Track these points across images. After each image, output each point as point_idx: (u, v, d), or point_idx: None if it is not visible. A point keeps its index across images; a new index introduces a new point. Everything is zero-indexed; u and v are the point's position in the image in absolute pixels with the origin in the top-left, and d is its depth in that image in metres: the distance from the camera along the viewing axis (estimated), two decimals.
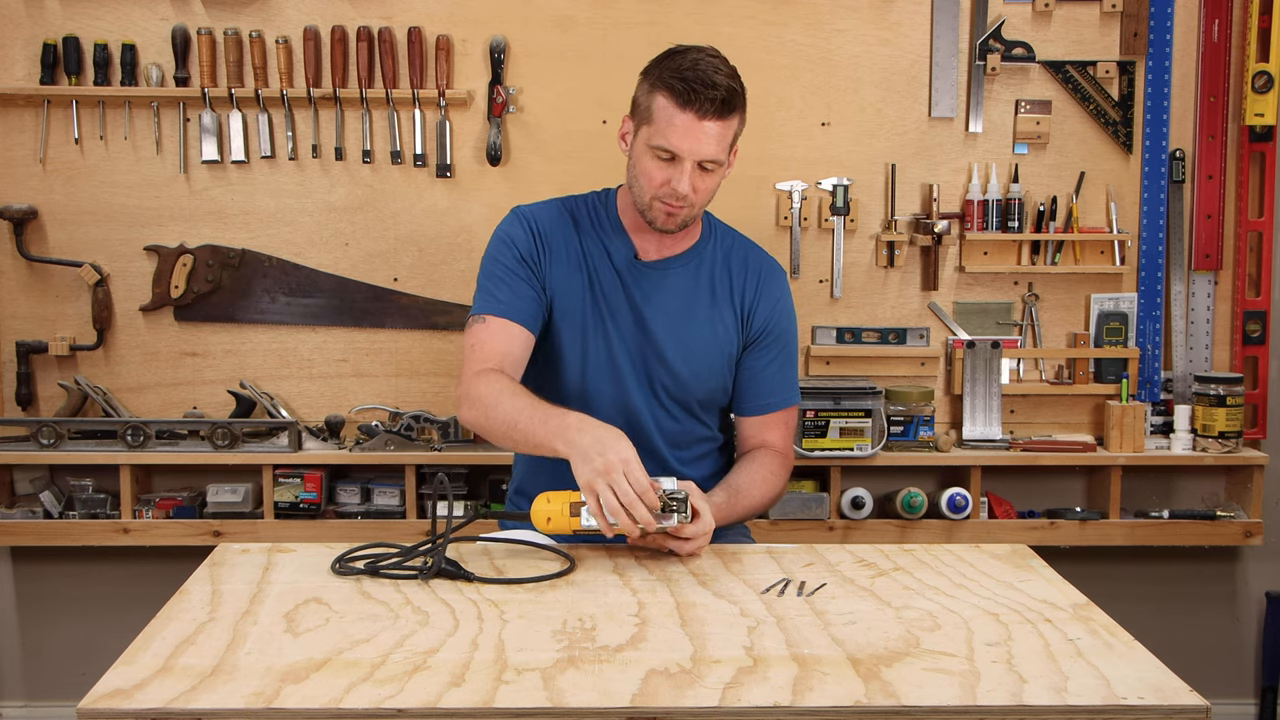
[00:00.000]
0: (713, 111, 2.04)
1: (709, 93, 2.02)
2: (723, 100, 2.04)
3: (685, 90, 2.03)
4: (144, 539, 2.99)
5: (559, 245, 2.22)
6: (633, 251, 2.23)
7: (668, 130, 2.06)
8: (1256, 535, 3.08)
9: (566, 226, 2.23)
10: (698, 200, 2.12)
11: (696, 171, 2.08)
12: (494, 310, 2.15)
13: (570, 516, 1.93)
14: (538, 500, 1.97)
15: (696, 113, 2.04)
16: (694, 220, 2.18)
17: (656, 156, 2.09)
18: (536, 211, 2.25)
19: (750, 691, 1.48)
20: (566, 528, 1.94)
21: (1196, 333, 3.12)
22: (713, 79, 2.03)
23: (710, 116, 2.04)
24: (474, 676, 1.51)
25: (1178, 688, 1.51)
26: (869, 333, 3.12)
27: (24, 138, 3.02)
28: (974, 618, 1.73)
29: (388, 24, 3.00)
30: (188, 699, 1.45)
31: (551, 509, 1.95)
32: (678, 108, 2.04)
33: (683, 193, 2.08)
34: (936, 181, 3.09)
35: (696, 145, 2.06)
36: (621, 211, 2.25)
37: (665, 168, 2.08)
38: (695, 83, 2.03)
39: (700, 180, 2.10)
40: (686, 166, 2.07)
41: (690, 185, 2.08)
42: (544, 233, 2.21)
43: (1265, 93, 3.04)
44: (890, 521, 3.05)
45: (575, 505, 1.93)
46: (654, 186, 2.10)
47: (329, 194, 3.06)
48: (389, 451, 2.98)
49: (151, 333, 3.07)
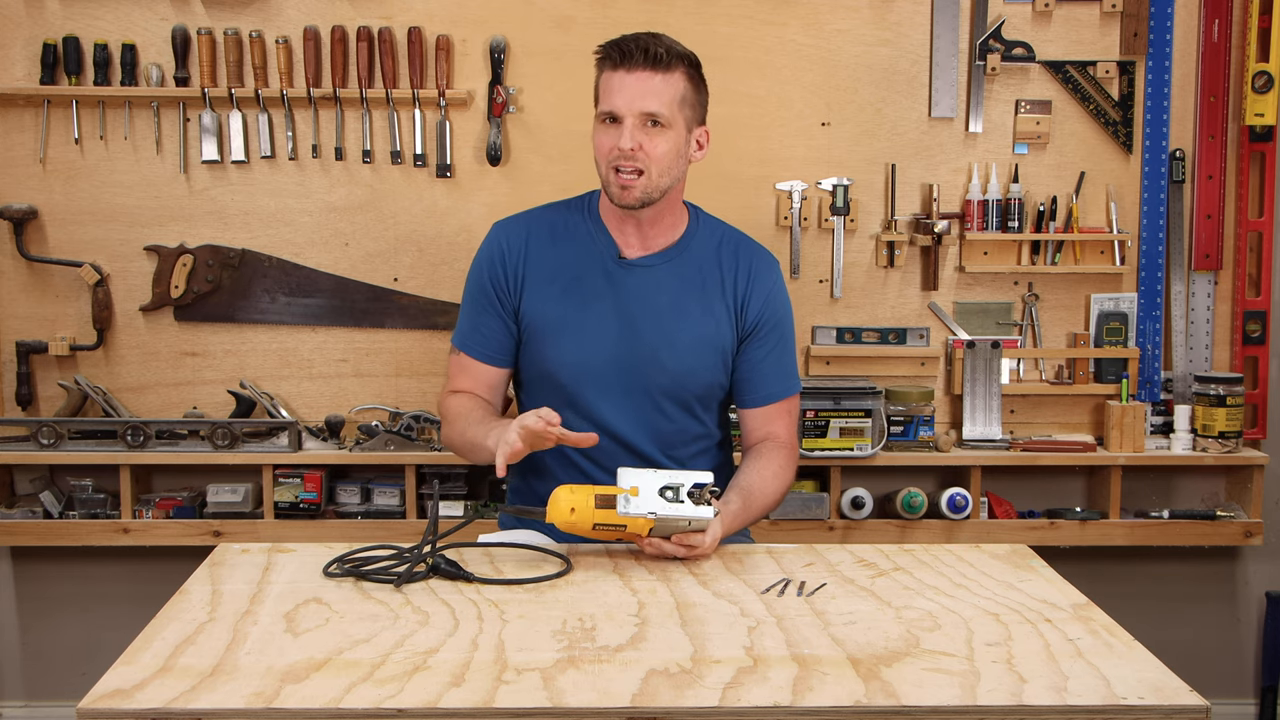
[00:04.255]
0: (642, 62, 2.10)
1: (637, 47, 2.11)
2: (651, 53, 2.10)
3: (616, 51, 2.13)
4: (144, 539, 2.99)
5: (535, 261, 2.24)
6: (615, 251, 2.24)
7: (606, 94, 2.14)
8: (1256, 535, 3.08)
9: (543, 239, 2.26)
10: (651, 164, 2.12)
11: (641, 129, 2.11)
12: (468, 348, 2.28)
13: (596, 509, 1.90)
14: (559, 491, 1.93)
15: (627, 68, 2.11)
16: (656, 194, 2.16)
17: (604, 125, 2.15)
18: (512, 228, 2.29)
19: (750, 691, 1.48)
20: (590, 520, 1.91)
21: (1196, 333, 3.12)
22: (642, 39, 2.13)
23: (640, 67, 2.10)
24: (474, 676, 1.51)
25: (1178, 688, 1.51)
26: (869, 333, 3.12)
27: (24, 138, 3.02)
28: (974, 618, 1.73)
29: (388, 24, 3.00)
30: (188, 699, 1.45)
31: (576, 499, 1.91)
32: (611, 70, 2.14)
33: (626, 147, 2.10)
34: (936, 181, 3.09)
35: (631, 98, 2.11)
36: (603, 210, 2.26)
37: (611, 132, 2.14)
38: (625, 43, 2.13)
39: (648, 140, 2.12)
40: (628, 123, 2.11)
41: (635, 141, 2.10)
42: (518, 254, 2.24)
43: (1265, 93, 3.04)
44: (890, 521, 3.05)
45: (603, 497, 1.91)
46: (605, 155, 2.15)
47: (329, 194, 3.06)
48: (389, 451, 2.98)
49: (151, 333, 3.07)
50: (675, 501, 1.90)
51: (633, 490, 1.89)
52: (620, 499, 1.89)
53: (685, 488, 1.91)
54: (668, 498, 1.90)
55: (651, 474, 1.92)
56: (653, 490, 1.90)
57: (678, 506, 1.90)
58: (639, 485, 1.90)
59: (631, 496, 1.89)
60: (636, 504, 1.89)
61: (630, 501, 1.89)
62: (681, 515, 1.90)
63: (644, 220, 2.22)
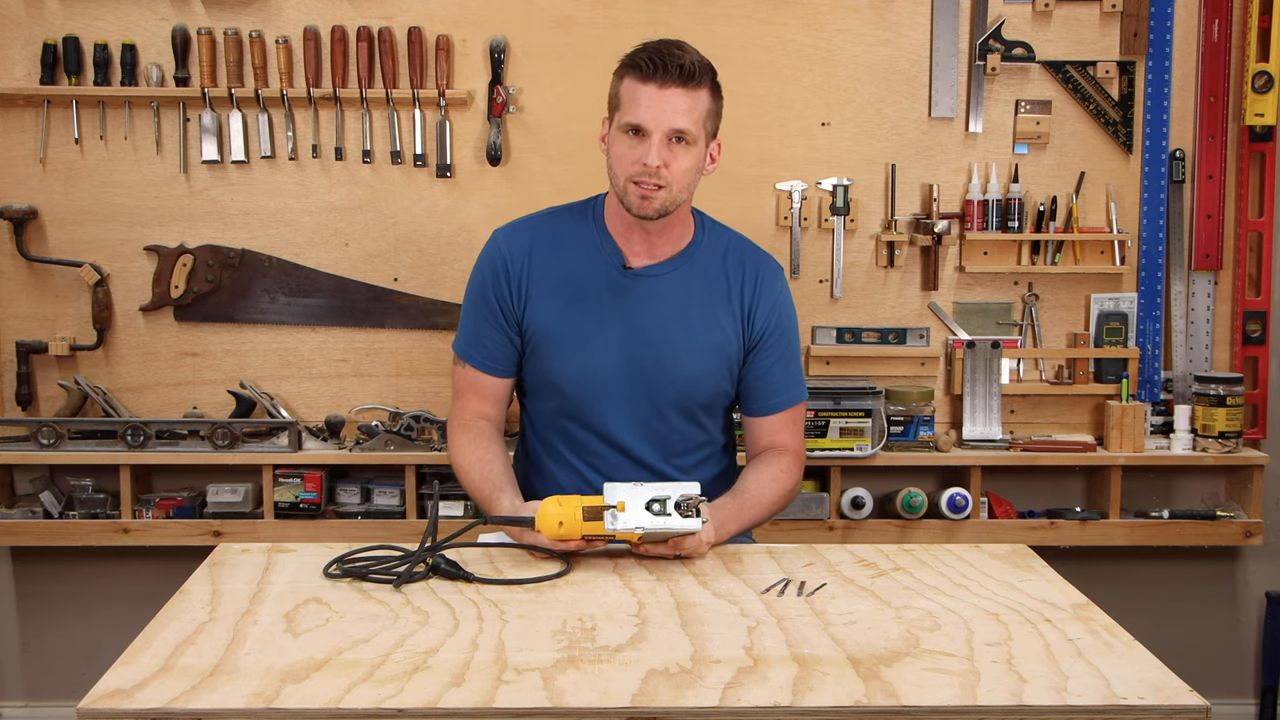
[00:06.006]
0: (675, 79, 2.07)
1: (670, 62, 2.07)
2: (684, 68, 2.07)
3: (647, 63, 2.08)
4: (144, 539, 2.99)
5: (539, 271, 2.21)
6: (620, 260, 2.21)
7: (633, 106, 2.09)
8: (1256, 535, 3.08)
9: (547, 247, 2.23)
10: (673, 180, 2.10)
11: (667, 145, 2.09)
12: (471, 359, 2.27)
13: (584, 521, 1.90)
14: (546, 503, 1.93)
15: (659, 83, 2.07)
16: (674, 207, 2.14)
17: (627, 136, 2.11)
18: (514, 236, 2.25)
19: (750, 691, 1.48)
20: (578, 533, 1.91)
21: (1196, 333, 3.12)
22: (673, 52, 2.09)
23: (673, 84, 2.07)
24: (474, 676, 1.51)
25: (1178, 688, 1.51)
26: (869, 333, 3.12)
27: (24, 138, 3.02)
28: (974, 618, 1.73)
29: (388, 24, 3.00)
30: (188, 699, 1.45)
31: (564, 512, 1.91)
32: (641, 82, 2.09)
33: (653, 164, 2.07)
34: (936, 181, 3.09)
35: (661, 114, 2.07)
36: (608, 218, 2.23)
37: (636, 145, 2.10)
38: (656, 55, 2.08)
39: (672, 156, 2.09)
40: (655, 139, 2.08)
41: (661, 159, 2.08)
42: (521, 265, 2.21)
43: (1265, 93, 3.04)
44: (890, 521, 3.05)
45: (590, 509, 1.90)
46: (627, 167, 2.11)
47: (329, 194, 3.06)
48: (389, 451, 2.98)
49: (151, 333, 3.07)
50: (662, 514, 1.90)
51: (619, 506, 1.90)
52: (607, 515, 1.89)
53: (672, 500, 1.91)
54: (654, 510, 1.90)
55: (637, 488, 1.92)
56: (639, 504, 1.90)
57: (665, 520, 1.90)
58: (625, 500, 1.90)
59: (619, 512, 1.89)
60: (624, 519, 1.89)
61: (617, 517, 1.89)
62: (669, 529, 1.90)
63: (652, 230, 2.19)
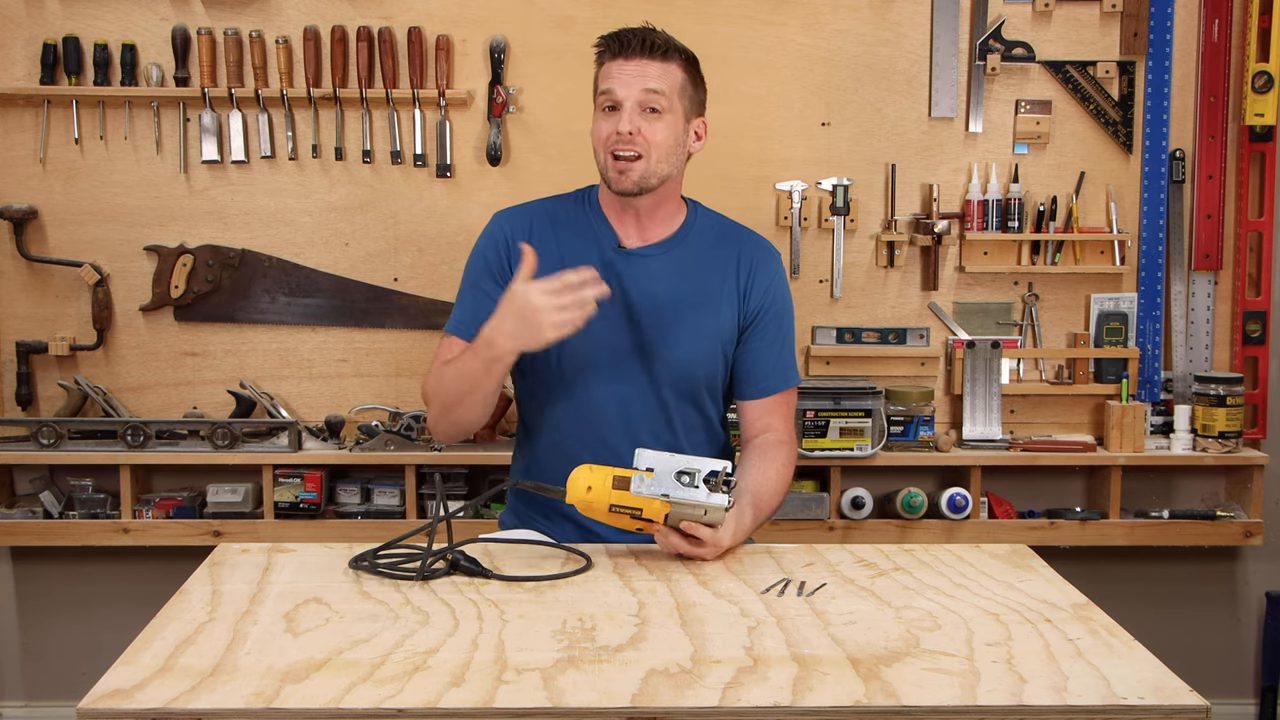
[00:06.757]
0: (639, 50, 2.15)
1: (634, 35, 2.17)
2: (648, 41, 2.16)
3: (614, 40, 2.19)
4: (144, 539, 3.00)
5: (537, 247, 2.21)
6: (615, 240, 2.25)
7: (605, 81, 2.18)
8: (1256, 535, 3.08)
9: (545, 227, 2.27)
10: (650, 149, 2.15)
11: (640, 113, 2.15)
12: (458, 331, 2.24)
13: (613, 489, 1.89)
14: (579, 470, 1.92)
15: (625, 55, 2.17)
16: (654, 180, 2.18)
17: (604, 113, 2.18)
18: (514, 217, 2.30)
19: (750, 691, 1.47)
20: (605, 501, 1.89)
21: (1196, 333, 3.12)
22: (639, 30, 2.18)
23: (639, 55, 2.15)
24: (474, 676, 1.50)
25: (1178, 688, 1.51)
26: (869, 333, 3.12)
27: (24, 138, 3.02)
28: (974, 618, 1.73)
29: (388, 24, 3.00)
30: (188, 699, 1.45)
31: (594, 478, 1.90)
32: (610, 59, 2.18)
33: (624, 130, 2.13)
34: (936, 181, 3.09)
35: (629, 83, 2.15)
36: (602, 202, 2.28)
37: (610, 118, 2.17)
38: (622, 33, 2.19)
39: (647, 125, 2.15)
40: (627, 107, 2.15)
41: (633, 125, 2.13)
42: (519, 239, 2.22)
43: (1265, 93, 3.04)
44: (890, 521, 3.05)
45: (620, 478, 1.89)
46: (603, 140, 2.17)
47: (329, 194, 3.06)
48: (389, 451, 2.98)
49: (151, 333, 3.08)
50: (691, 487, 1.89)
51: (648, 472, 1.89)
52: (635, 479, 1.88)
53: (701, 474, 1.90)
54: (684, 482, 1.89)
55: (669, 457, 1.91)
56: (669, 473, 1.89)
57: (693, 492, 1.88)
58: (655, 467, 1.89)
59: (646, 477, 1.88)
60: (651, 485, 1.88)
61: (645, 482, 1.88)
62: (696, 501, 1.89)
63: (642, 211, 2.24)
